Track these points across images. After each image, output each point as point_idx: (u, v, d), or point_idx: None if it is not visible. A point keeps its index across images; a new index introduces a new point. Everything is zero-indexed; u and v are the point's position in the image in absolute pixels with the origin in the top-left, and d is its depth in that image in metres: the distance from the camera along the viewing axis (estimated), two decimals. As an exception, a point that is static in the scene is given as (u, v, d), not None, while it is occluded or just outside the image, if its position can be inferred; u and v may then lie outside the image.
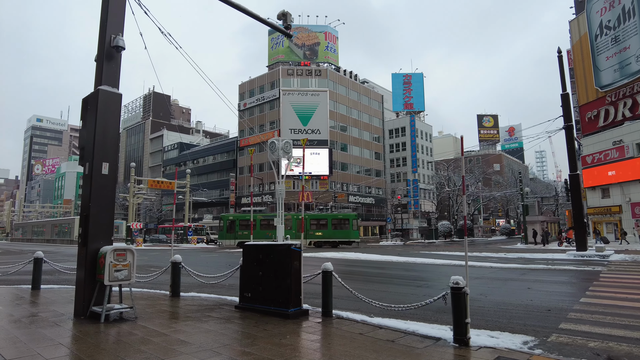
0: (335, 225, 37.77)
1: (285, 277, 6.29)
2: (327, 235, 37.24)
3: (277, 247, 6.53)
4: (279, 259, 6.41)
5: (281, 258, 6.39)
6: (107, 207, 6.42)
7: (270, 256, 6.56)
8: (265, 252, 6.64)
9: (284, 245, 6.42)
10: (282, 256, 6.38)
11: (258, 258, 6.72)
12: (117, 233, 55.31)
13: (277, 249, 6.51)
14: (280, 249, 6.46)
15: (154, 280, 9.81)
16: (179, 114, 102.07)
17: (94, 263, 6.08)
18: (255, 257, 6.78)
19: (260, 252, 6.71)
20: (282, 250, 6.40)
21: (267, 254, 6.60)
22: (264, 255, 6.63)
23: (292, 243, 6.43)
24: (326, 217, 38.40)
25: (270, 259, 6.54)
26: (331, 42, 66.22)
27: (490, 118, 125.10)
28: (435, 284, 10.62)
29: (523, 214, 37.76)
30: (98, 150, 6.37)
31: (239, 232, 38.50)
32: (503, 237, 69.30)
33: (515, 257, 19.27)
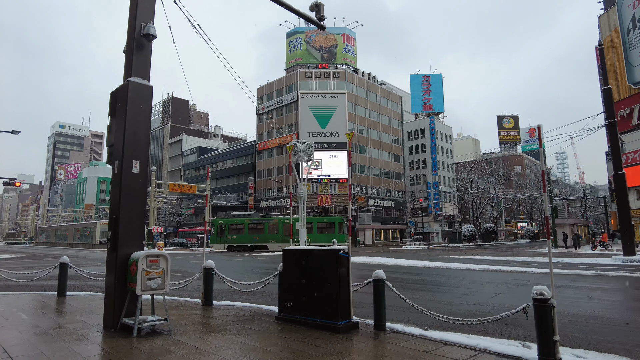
0: (321, 229, 36.71)
1: (333, 285, 5.65)
2: (313, 239, 36.15)
3: (323, 252, 5.90)
4: (325, 265, 5.79)
5: (327, 264, 5.76)
6: (138, 209, 5.90)
7: (314, 262, 5.94)
8: (309, 258, 6.02)
9: (331, 250, 5.79)
10: (329, 262, 5.75)
11: (300, 264, 6.11)
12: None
13: (323, 254, 5.89)
14: (326, 254, 5.83)
15: (183, 287, 9.30)
16: (197, 118, 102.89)
17: (124, 270, 5.56)
18: (297, 263, 6.17)
19: (303, 258, 6.09)
20: (329, 256, 5.78)
21: (311, 260, 5.98)
22: (308, 261, 6.01)
23: (339, 248, 5.80)
24: (312, 220, 37.37)
25: (315, 265, 5.92)
26: (349, 44, 65.63)
27: (511, 119, 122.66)
28: (481, 292, 9.83)
29: (552, 216, 36.31)
30: (128, 147, 5.87)
31: (228, 236, 39.00)
32: (527, 240, 67.27)
33: (555, 261, 18.20)
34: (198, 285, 9.33)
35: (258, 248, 37.59)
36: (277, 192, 60.41)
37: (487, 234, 54.18)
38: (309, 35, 64.82)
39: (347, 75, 61.45)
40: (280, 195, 59.47)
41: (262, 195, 62.64)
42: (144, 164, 6.03)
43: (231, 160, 71.51)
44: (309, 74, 61.10)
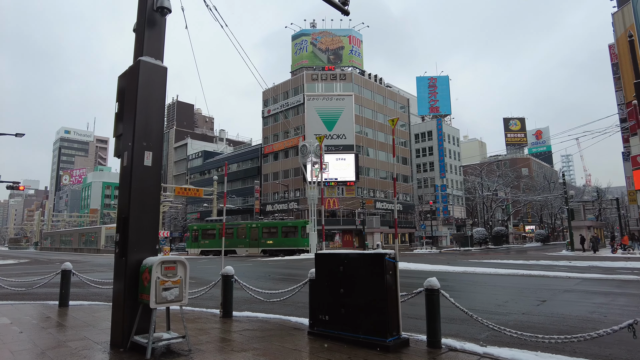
0: (286, 233, 36.23)
1: (379, 295, 4.82)
2: (277, 244, 36.03)
3: (366, 257, 5.08)
4: (369, 272, 4.96)
5: (372, 271, 4.93)
6: (151, 208, 5.10)
7: (355, 268, 5.11)
8: (348, 263, 5.19)
9: (375, 255, 4.96)
10: (373, 268, 4.92)
11: (338, 271, 5.28)
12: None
13: (366, 259, 5.06)
14: (370, 259, 5.00)
15: (197, 297, 8.48)
16: (202, 122, 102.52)
17: (135, 279, 4.75)
18: (333, 269, 5.34)
19: (340, 263, 5.26)
20: (373, 261, 4.95)
21: (352, 266, 5.15)
22: (347, 267, 5.18)
23: (385, 252, 4.97)
24: (277, 224, 37.13)
25: (356, 272, 5.09)
26: (355, 46, 64.96)
27: (517, 121, 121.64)
28: (521, 299, 8.95)
29: (568, 218, 35.29)
30: (139, 136, 5.07)
31: (201, 241, 39.35)
32: (538, 243, 66.07)
33: (586, 265, 17.25)
34: (212, 293, 8.53)
35: (228, 253, 37.53)
36: (282, 196, 59.61)
37: (498, 237, 53.11)
38: (314, 37, 64.25)
39: (354, 77, 60.74)
40: (286, 198, 58.67)
41: (268, 198, 61.86)
42: (157, 156, 5.24)
43: (237, 164, 70.87)
44: (315, 76, 60.45)
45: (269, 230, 37.08)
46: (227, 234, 38.53)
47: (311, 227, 33.09)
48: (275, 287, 11.18)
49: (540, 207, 70.14)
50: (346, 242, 55.79)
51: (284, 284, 12.14)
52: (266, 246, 36.46)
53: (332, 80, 60.43)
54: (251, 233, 37.46)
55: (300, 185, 56.90)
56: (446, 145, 74.72)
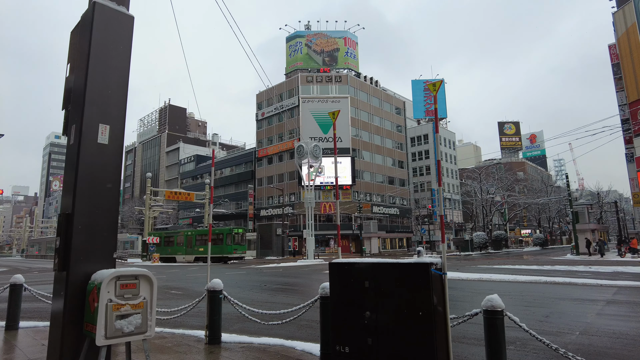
0: (214, 240, 35.95)
1: (422, 322, 3.47)
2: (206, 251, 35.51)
3: (403, 269, 3.72)
4: (408, 289, 3.61)
5: (412, 287, 3.59)
6: (107, 202, 3.71)
7: (388, 283, 3.75)
8: (377, 277, 3.83)
9: (417, 265, 3.61)
10: (414, 284, 3.57)
11: (361, 286, 3.92)
12: (133, 249, 53.04)
13: (403, 271, 3.70)
14: (410, 270, 3.65)
15: (180, 313, 7.06)
16: (194, 127, 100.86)
17: (80, 301, 3.36)
18: (355, 284, 3.98)
19: (366, 276, 3.90)
20: (414, 274, 3.60)
21: (382, 280, 3.79)
22: (376, 282, 3.82)
23: (429, 261, 3.62)
24: (207, 232, 36.91)
25: (389, 289, 3.73)
26: (351, 48, 63.95)
27: (512, 125, 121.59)
28: (565, 313, 7.63)
29: (573, 222, 34.20)
30: (91, 104, 3.71)
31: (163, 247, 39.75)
32: (537, 247, 65.11)
33: (610, 271, 16.02)
34: (200, 308, 7.13)
35: (170, 260, 38.03)
36: (277, 200, 58.11)
37: (498, 242, 52.00)
38: (309, 39, 63.17)
39: (350, 79, 59.66)
40: (281, 203, 57.19)
41: (262, 203, 60.33)
42: (117, 132, 3.87)
43: (230, 168, 69.28)
44: (310, 78, 59.28)
45: (201, 237, 37.28)
46: (170, 242, 39.38)
47: (308, 232, 31.67)
48: (272, 300, 9.78)
49: (539, 211, 69.26)
50: (342, 247, 54.40)
51: (283, 296, 10.74)
52: (198, 253, 36.61)
53: (327, 82, 59.29)
54: (187, 240, 37.76)
55: (295, 190, 55.48)
56: (442, 148, 73.81)
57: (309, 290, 12.45)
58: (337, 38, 63.17)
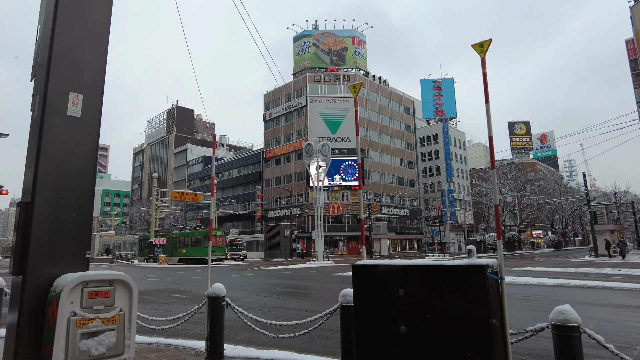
0: (194, 242, 36.73)
1: (477, 341, 2.68)
2: (188, 253, 36.76)
3: (450, 272, 2.92)
4: (457, 299, 2.82)
5: (462, 296, 2.80)
6: (77, 190, 2.98)
7: (430, 291, 2.97)
8: (415, 282, 3.05)
9: (470, 268, 2.82)
10: (465, 292, 2.79)
11: (395, 294, 3.14)
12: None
13: (450, 275, 2.91)
14: (460, 274, 2.86)
15: (181, 320, 6.33)
16: (202, 128, 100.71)
17: (39, 315, 2.63)
18: (387, 291, 3.20)
19: (401, 282, 3.12)
20: (465, 279, 2.81)
21: (422, 286, 3.01)
22: (414, 289, 3.04)
23: (484, 263, 2.83)
24: (188, 235, 38.48)
25: (431, 298, 2.95)
26: (359, 47, 63.15)
27: (522, 125, 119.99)
28: (607, 320, 6.78)
29: (591, 222, 33.03)
30: (58, 67, 2.99)
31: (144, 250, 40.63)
32: (550, 249, 63.64)
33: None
34: (203, 313, 6.38)
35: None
36: (285, 201, 57.44)
37: (511, 243, 50.81)
38: (317, 38, 62.50)
39: (358, 78, 58.83)
40: (289, 204, 56.48)
41: (270, 204, 59.69)
42: (93, 104, 3.14)
43: (238, 169, 68.79)
44: (317, 78, 58.59)
45: (184, 240, 38.23)
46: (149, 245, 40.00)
47: (317, 233, 30.89)
48: (282, 305, 9.03)
49: (552, 212, 67.75)
50: (351, 249, 53.55)
51: (293, 300, 9.99)
52: (181, 255, 37.28)
53: (335, 81, 58.54)
54: (172, 243, 38.60)
55: (303, 190, 54.78)
56: (452, 149, 72.65)
57: (320, 295, 11.69)
58: (345, 37, 62.43)
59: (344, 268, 23.36)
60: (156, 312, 8.57)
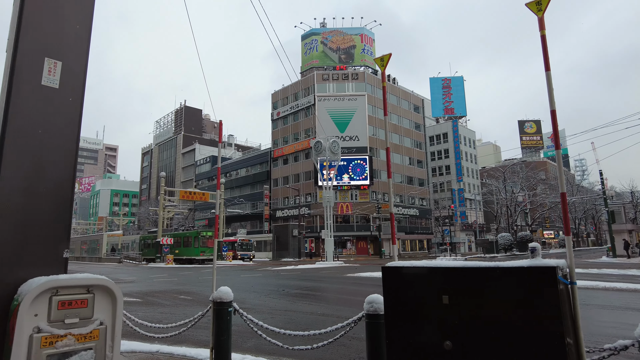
0: (185, 243, 37.56)
1: (545, 356, 2.12)
2: (180, 253, 37.29)
3: (507, 274, 2.36)
4: (517, 307, 2.26)
5: (524, 304, 2.23)
6: (53, 175, 2.47)
7: (482, 298, 2.40)
8: (462, 289, 2.49)
9: (536, 272, 2.25)
10: (528, 299, 2.22)
11: (437, 303, 2.57)
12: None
13: (508, 278, 2.35)
14: (521, 278, 2.29)
15: (189, 327, 5.82)
16: (210, 128, 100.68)
17: (1, 326, 2.11)
18: (426, 298, 2.64)
19: (444, 288, 2.55)
20: (529, 284, 2.23)
21: (471, 293, 2.44)
22: (461, 297, 2.48)
23: (554, 264, 2.25)
24: (180, 235, 39.27)
25: (484, 308, 2.38)
26: (367, 45, 62.46)
27: (533, 124, 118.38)
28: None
29: (609, 222, 32.07)
30: (31, 27, 2.47)
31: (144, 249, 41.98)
32: (563, 249, 62.48)
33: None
34: (209, 316, 5.86)
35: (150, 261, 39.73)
36: (293, 201, 56.96)
37: (523, 243, 49.77)
38: (325, 36, 61.95)
39: (367, 76, 58.17)
40: (297, 203, 56.01)
41: (278, 204, 59.25)
42: (75, 73, 2.63)
43: (245, 169, 68.50)
44: (326, 76, 58.01)
45: (177, 240, 38.68)
46: (148, 245, 41.28)
47: (327, 233, 30.31)
48: (293, 308, 8.48)
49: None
50: (360, 249, 52.93)
51: (305, 303, 9.44)
52: (174, 254, 37.63)
53: (343, 80, 57.94)
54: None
55: (311, 190, 54.26)
56: (462, 147, 71.66)
57: (333, 297, 11.14)
58: (353, 35, 61.80)
59: (354, 269, 22.78)
60: (160, 315, 8.09)
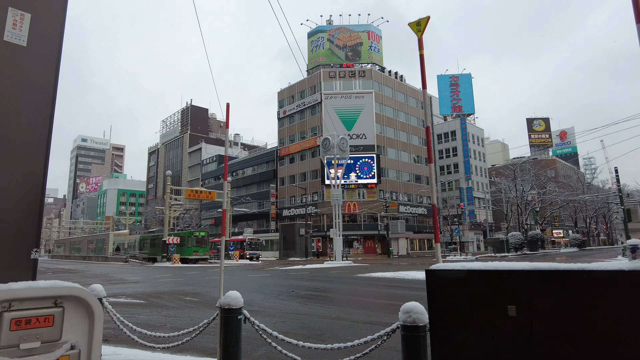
0: (181, 243, 38.00)
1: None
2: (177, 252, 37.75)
3: (601, 281, 1.81)
4: (620, 325, 1.70)
5: (629, 321, 1.68)
6: (20, 158, 1.95)
7: (566, 311, 1.86)
8: (536, 298, 1.94)
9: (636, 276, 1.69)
10: (634, 313, 1.67)
11: (502, 316, 2.03)
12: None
13: (602, 285, 1.80)
14: (626, 284, 1.74)
15: (195, 336, 5.32)
16: (216, 127, 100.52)
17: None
18: (488, 308, 2.09)
19: (512, 296, 2.00)
20: (636, 292, 1.69)
21: (548, 304, 1.90)
22: (535, 308, 1.93)
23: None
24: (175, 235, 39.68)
25: (572, 323, 1.83)
26: (374, 42, 61.79)
27: (541, 122, 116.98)
28: None
29: (625, 220, 31.21)
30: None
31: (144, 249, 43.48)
32: (574, 249, 61.41)
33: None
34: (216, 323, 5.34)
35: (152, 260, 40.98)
36: (299, 200, 56.49)
37: (534, 242, 48.89)
38: (331, 33, 61.37)
39: (374, 73, 57.52)
40: (304, 202, 55.51)
41: (284, 203, 58.82)
42: (49, 28, 2.11)
43: (252, 168, 68.16)
44: (332, 74, 57.44)
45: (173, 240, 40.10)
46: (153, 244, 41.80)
47: (335, 232, 29.73)
48: (305, 311, 7.96)
49: (575, 210, 65.38)
50: (367, 248, 52.33)
51: (317, 306, 8.91)
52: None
53: (350, 77, 57.32)
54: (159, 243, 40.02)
55: (318, 189, 53.76)
56: (471, 145, 70.70)
57: (345, 299, 10.61)
58: (360, 32, 61.16)
59: (364, 269, 22.21)
60: (164, 318, 7.61)
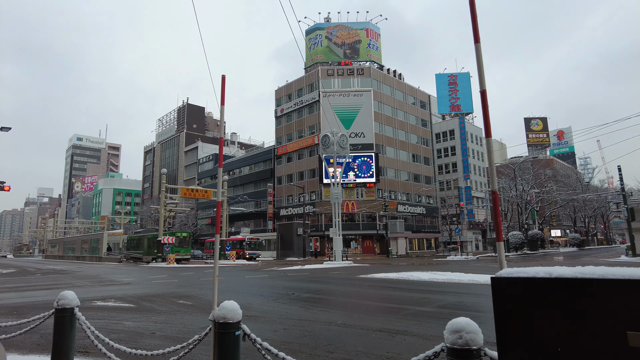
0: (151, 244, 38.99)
1: None
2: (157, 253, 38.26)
3: None
4: None
5: None
6: None
7: None
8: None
9: None
10: None
11: (619, 343, 1.38)
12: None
13: None
14: None
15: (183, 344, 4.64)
16: (213, 126, 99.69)
17: None
18: (600, 334, 1.44)
19: (626, 316, 1.35)
20: None
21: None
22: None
23: None
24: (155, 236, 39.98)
25: None
26: (373, 39, 61.17)
27: (539, 121, 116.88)
28: None
29: (628, 220, 30.75)
30: None
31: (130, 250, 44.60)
32: (574, 248, 61.08)
33: None
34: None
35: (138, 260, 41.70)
36: (297, 199, 55.82)
37: (534, 242, 48.50)
38: (329, 31, 60.71)
39: (372, 71, 56.90)
40: (301, 201, 54.85)
41: (282, 202, 58.12)
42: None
43: (249, 167, 67.42)
44: (330, 72, 56.79)
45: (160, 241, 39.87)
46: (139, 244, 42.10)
47: (335, 231, 29.07)
48: (308, 317, 7.28)
49: (574, 210, 65.06)
50: (366, 248, 51.76)
51: (320, 310, 8.25)
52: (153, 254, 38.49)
53: (349, 75, 56.69)
54: (148, 243, 40.63)
55: (316, 188, 53.12)
56: (469, 144, 70.24)
57: (349, 302, 9.95)
58: (358, 29, 60.52)
59: (365, 269, 21.57)
60: (153, 325, 6.94)
